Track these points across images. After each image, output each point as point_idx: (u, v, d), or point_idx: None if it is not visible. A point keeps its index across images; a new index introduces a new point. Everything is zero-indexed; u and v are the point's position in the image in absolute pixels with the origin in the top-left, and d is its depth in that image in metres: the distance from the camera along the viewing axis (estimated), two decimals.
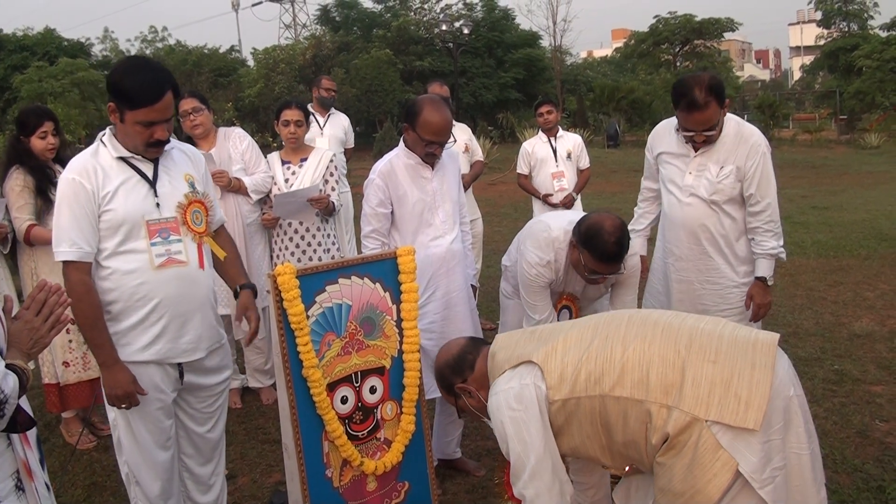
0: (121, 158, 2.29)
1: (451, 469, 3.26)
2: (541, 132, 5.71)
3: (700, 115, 2.84)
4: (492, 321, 5.20)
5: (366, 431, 2.61)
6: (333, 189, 4.00)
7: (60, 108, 15.00)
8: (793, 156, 17.81)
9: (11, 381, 1.49)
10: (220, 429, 2.61)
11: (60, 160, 3.65)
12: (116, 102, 2.22)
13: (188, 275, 2.35)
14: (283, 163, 4.10)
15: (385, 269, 2.62)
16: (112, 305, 2.29)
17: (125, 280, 2.27)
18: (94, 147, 2.32)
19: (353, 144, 5.82)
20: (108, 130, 2.33)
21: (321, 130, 5.40)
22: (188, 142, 3.68)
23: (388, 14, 27.49)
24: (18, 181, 3.53)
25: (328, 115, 5.53)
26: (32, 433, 1.66)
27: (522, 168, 5.70)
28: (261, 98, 21.34)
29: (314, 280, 2.44)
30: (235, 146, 4.07)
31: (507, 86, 26.18)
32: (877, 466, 3.11)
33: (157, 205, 2.30)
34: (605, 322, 2.06)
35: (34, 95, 18.29)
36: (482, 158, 5.71)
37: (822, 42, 31.54)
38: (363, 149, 13.88)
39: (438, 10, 27.09)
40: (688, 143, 3.01)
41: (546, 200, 5.52)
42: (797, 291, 5.88)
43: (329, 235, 4.07)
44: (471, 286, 3.21)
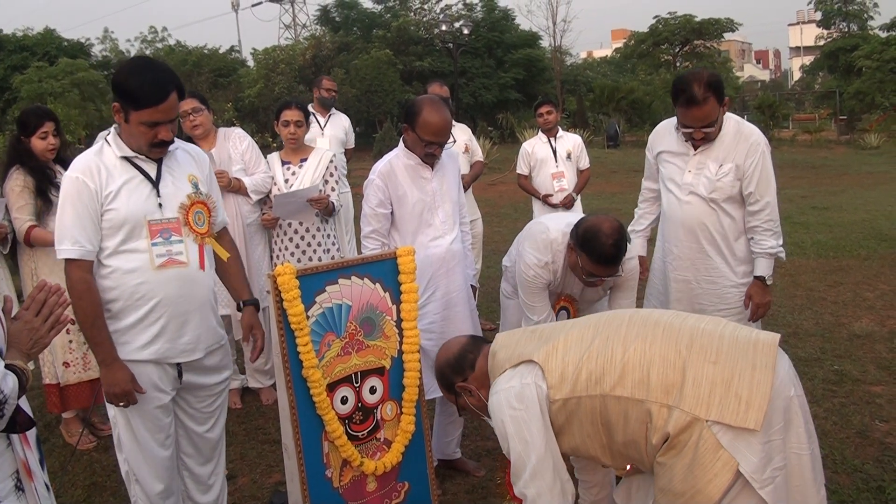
0: (125, 158, 2.30)
1: (451, 469, 3.26)
2: (540, 132, 5.70)
3: (698, 111, 2.84)
4: (492, 321, 5.20)
5: (366, 432, 2.61)
6: (333, 189, 4.00)
7: (60, 109, 14.99)
8: (792, 156, 17.81)
9: (11, 382, 1.49)
10: (220, 429, 2.62)
11: (61, 161, 3.65)
12: (121, 102, 2.23)
13: (188, 275, 2.35)
14: (283, 163, 4.10)
15: (385, 270, 2.62)
16: (112, 304, 2.30)
17: (125, 279, 2.28)
18: (99, 146, 2.33)
19: (354, 145, 5.83)
20: (113, 130, 2.34)
21: (322, 131, 5.40)
22: (188, 142, 3.68)
23: (388, 14, 27.49)
24: (18, 181, 3.53)
25: (329, 116, 5.53)
26: (32, 433, 1.66)
27: (522, 168, 5.70)
28: (261, 98, 21.34)
29: (314, 280, 2.44)
30: (235, 146, 4.08)
31: (507, 86, 26.18)
32: (876, 467, 3.11)
33: (160, 205, 2.31)
34: (606, 322, 2.06)
35: (34, 96, 18.28)
36: (482, 159, 5.71)
37: (822, 42, 31.55)
38: (363, 149, 13.88)
39: (438, 11, 27.10)
40: (687, 142, 3.01)
41: (546, 201, 5.52)
42: (797, 292, 5.88)
43: (329, 236, 4.07)
44: (470, 286, 3.21)
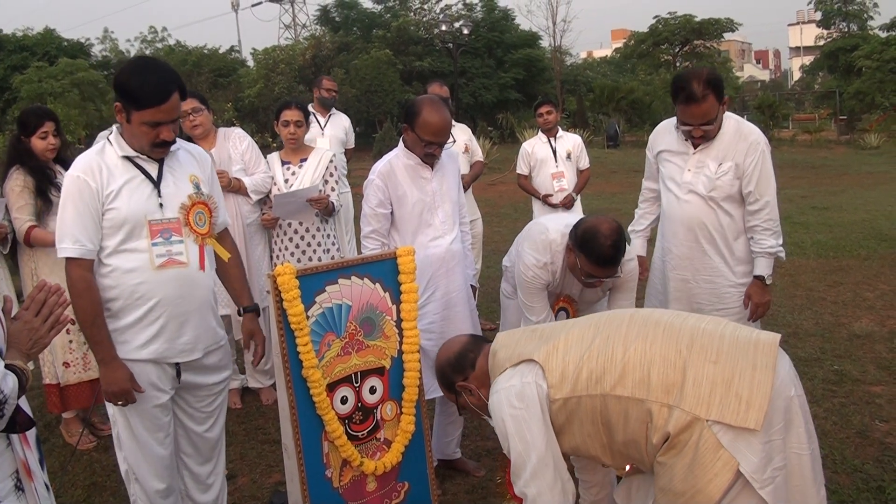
0: (126, 158, 2.30)
1: (451, 469, 3.26)
2: (540, 132, 5.70)
3: (697, 109, 2.84)
4: (492, 321, 5.20)
5: (365, 432, 2.61)
6: (333, 189, 4.00)
7: (60, 109, 14.99)
8: (792, 156, 17.81)
9: (11, 382, 1.49)
10: (219, 428, 2.62)
11: (61, 161, 3.65)
12: (123, 102, 2.23)
13: (188, 276, 2.35)
14: (283, 163, 4.10)
15: (385, 270, 2.63)
16: (112, 303, 2.30)
17: (125, 278, 2.28)
18: (101, 146, 2.34)
19: (354, 145, 5.82)
20: (115, 129, 2.34)
21: (322, 131, 5.40)
22: (188, 142, 3.68)
23: (388, 14, 27.48)
24: (18, 181, 3.53)
25: (329, 116, 5.53)
26: (32, 433, 1.66)
27: (522, 168, 5.70)
28: (260, 98, 21.33)
29: (314, 280, 2.44)
30: (235, 146, 4.08)
31: (507, 86, 26.17)
32: (876, 467, 3.11)
33: (161, 205, 2.31)
34: (607, 321, 2.06)
35: (34, 96, 18.27)
36: (482, 159, 5.71)
37: (822, 42, 31.53)
38: (363, 149, 13.88)
39: (438, 11, 27.08)
40: (687, 140, 3.01)
41: (546, 201, 5.51)
42: (797, 292, 5.88)
43: (329, 236, 4.07)
44: (470, 286, 3.21)
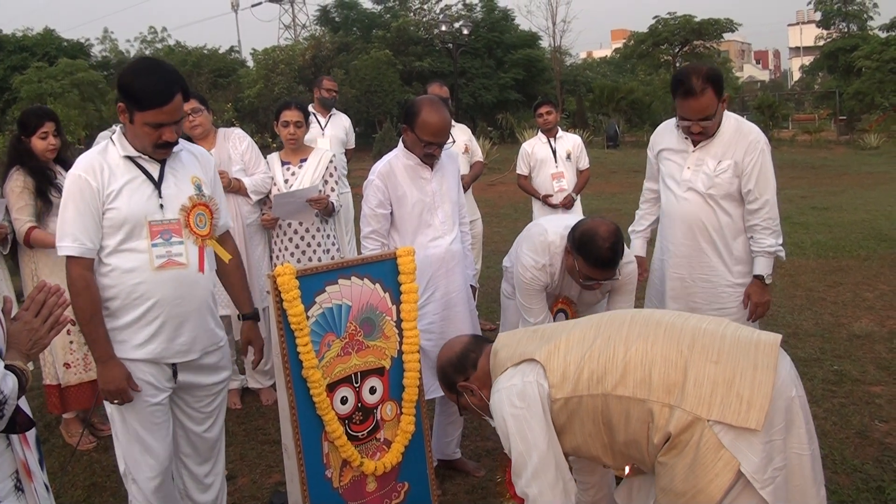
0: (128, 158, 2.31)
1: (451, 469, 3.26)
2: (540, 133, 5.70)
3: (696, 103, 2.83)
4: (492, 322, 5.20)
5: (365, 432, 2.61)
6: (333, 190, 4.00)
7: (60, 109, 14.98)
8: (792, 156, 17.81)
9: (11, 382, 1.49)
10: (218, 429, 2.61)
11: (62, 161, 3.65)
12: (126, 103, 2.24)
13: (187, 277, 2.35)
14: (283, 163, 4.10)
15: (385, 270, 2.63)
16: (110, 302, 2.31)
17: (124, 278, 2.29)
18: (103, 145, 2.35)
19: (354, 145, 5.82)
20: (119, 129, 2.35)
21: (322, 131, 5.40)
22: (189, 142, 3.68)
23: (388, 15, 27.49)
24: (18, 182, 3.53)
25: (329, 116, 5.53)
26: (32, 434, 1.66)
27: (522, 169, 5.70)
28: (260, 99, 21.33)
29: (314, 280, 2.44)
30: (235, 147, 4.08)
31: (507, 86, 26.17)
32: (876, 467, 3.11)
33: (161, 206, 2.32)
34: (608, 321, 2.06)
35: (34, 96, 18.28)
36: (482, 159, 5.71)
37: (822, 43, 31.51)
38: (363, 149, 13.88)
39: (438, 11, 27.08)
40: (687, 139, 3.02)
41: (546, 201, 5.51)
42: (797, 292, 5.88)
43: (329, 236, 4.07)
44: (470, 287, 3.21)
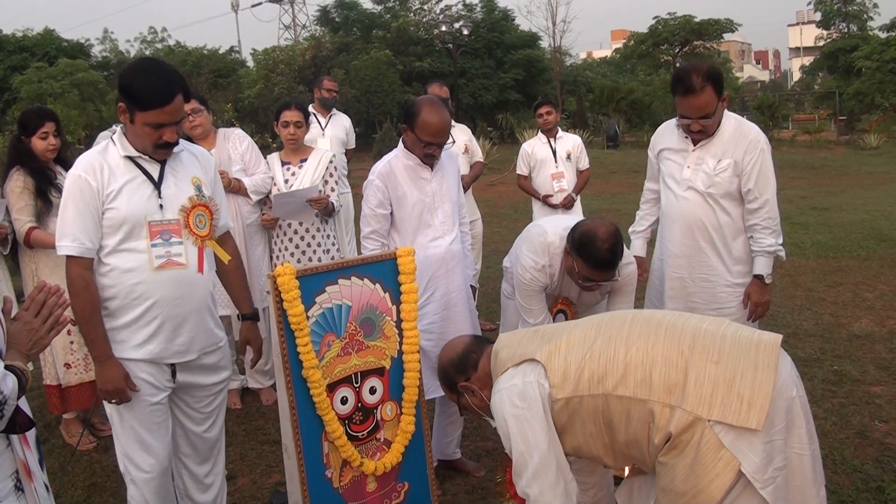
0: (128, 158, 2.31)
1: (451, 469, 3.26)
2: (540, 133, 5.70)
3: (695, 100, 2.83)
4: (492, 322, 5.20)
5: (366, 432, 2.61)
6: (333, 190, 4.00)
7: (60, 109, 14.99)
8: (792, 156, 17.82)
9: (11, 383, 1.49)
10: (218, 429, 2.61)
11: (62, 161, 3.65)
12: (127, 103, 2.24)
13: (186, 277, 2.35)
14: (283, 163, 4.10)
15: (385, 270, 2.63)
16: (110, 302, 2.31)
17: (123, 278, 2.29)
18: (104, 145, 2.35)
19: (355, 145, 5.82)
20: (119, 129, 2.35)
21: (323, 131, 5.40)
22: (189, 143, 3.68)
23: (388, 15, 27.50)
24: (19, 182, 3.53)
25: (330, 116, 5.53)
26: (31, 434, 1.66)
27: (522, 169, 5.70)
28: (260, 99, 21.34)
29: (314, 281, 2.44)
30: (235, 147, 4.08)
31: (507, 87, 26.18)
32: (876, 467, 3.11)
33: (161, 206, 2.32)
34: (609, 322, 2.06)
35: (34, 96, 18.29)
36: (482, 159, 5.71)
37: (822, 43, 31.50)
38: (363, 149, 13.88)
39: (438, 11, 27.09)
40: (687, 138, 3.02)
41: (546, 201, 5.51)
42: (797, 292, 5.88)
43: (329, 236, 4.07)
44: (470, 287, 3.21)
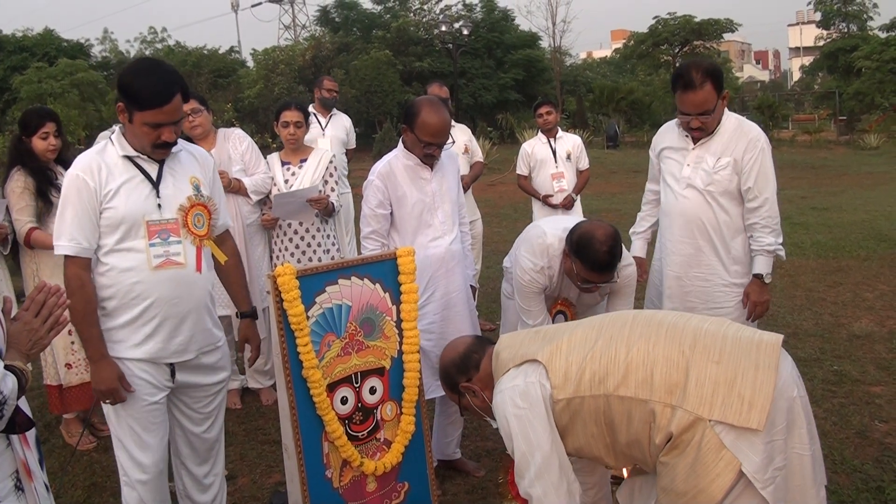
0: (126, 157, 2.31)
1: (451, 470, 3.26)
2: (540, 133, 5.70)
3: (695, 96, 2.84)
4: (491, 322, 5.20)
5: (366, 432, 2.61)
6: (333, 190, 4.00)
7: (60, 109, 14.95)
8: (792, 157, 17.81)
9: (10, 383, 1.49)
10: (217, 429, 2.61)
11: (62, 161, 3.64)
12: (125, 103, 2.24)
13: (185, 277, 2.35)
14: (283, 164, 4.10)
15: (385, 270, 2.63)
16: (107, 302, 2.31)
17: (121, 278, 2.29)
18: (102, 145, 2.35)
19: (355, 145, 5.82)
20: (118, 129, 2.35)
21: (323, 131, 5.40)
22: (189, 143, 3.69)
23: (388, 15, 27.51)
24: (19, 183, 3.53)
25: (330, 116, 5.53)
26: (31, 434, 1.66)
27: (522, 169, 5.70)
28: (260, 99, 21.34)
29: (314, 281, 2.44)
30: (235, 147, 4.08)
31: (507, 87, 26.19)
32: (876, 467, 3.11)
33: (159, 206, 2.32)
34: (610, 322, 2.06)
35: (34, 96, 18.29)
36: (482, 159, 5.71)
37: (822, 43, 31.51)
38: (363, 150, 13.86)
39: (438, 11, 27.10)
40: (687, 136, 3.02)
41: (546, 201, 5.51)
42: (796, 292, 5.87)
43: (329, 236, 4.07)
44: (470, 287, 3.21)
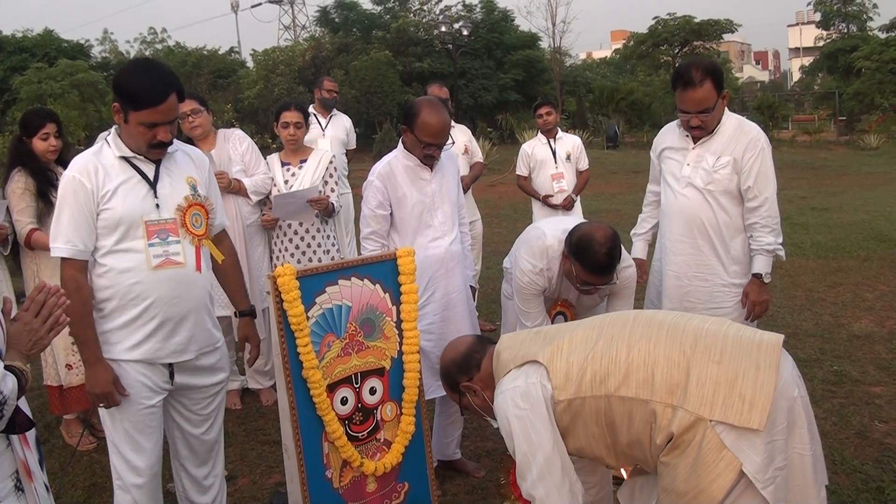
0: (123, 158, 2.30)
1: (451, 470, 3.26)
2: (540, 133, 5.70)
3: (695, 94, 2.84)
4: (491, 323, 5.20)
5: (366, 432, 2.61)
6: (333, 190, 4.00)
7: (60, 110, 14.93)
8: (792, 157, 17.81)
9: (10, 383, 1.49)
10: (216, 431, 2.60)
11: (63, 162, 3.64)
12: (121, 103, 2.24)
13: (184, 277, 2.35)
14: (283, 164, 4.10)
15: (385, 271, 2.63)
16: (106, 303, 2.30)
17: (120, 279, 2.28)
18: (98, 146, 2.35)
19: (355, 145, 5.82)
20: (114, 130, 2.35)
21: (323, 132, 5.40)
22: (188, 143, 3.68)
23: (388, 15, 27.52)
24: (20, 184, 3.53)
25: (330, 117, 5.53)
26: (31, 434, 1.66)
27: (522, 169, 5.70)
28: (260, 99, 21.36)
29: (314, 281, 2.44)
30: (235, 147, 4.08)
31: (507, 87, 26.20)
32: (876, 467, 3.11)
33: (157, 206, 2.31)
34: (610, 322, 2.06)
35: (34, 97, 18.29)
36: (482, 160, 5.71)
37: (822, 43, 31.55)
38: (363, 150, 13.84)
39: (438, 12, 27.10)
40: (687, 136, 3.02)
41: (546, 202, 5.51)
42: (796, 292, 5.87)
43: (329, 237, 4.07)
44: (470, 287, 3.21)
